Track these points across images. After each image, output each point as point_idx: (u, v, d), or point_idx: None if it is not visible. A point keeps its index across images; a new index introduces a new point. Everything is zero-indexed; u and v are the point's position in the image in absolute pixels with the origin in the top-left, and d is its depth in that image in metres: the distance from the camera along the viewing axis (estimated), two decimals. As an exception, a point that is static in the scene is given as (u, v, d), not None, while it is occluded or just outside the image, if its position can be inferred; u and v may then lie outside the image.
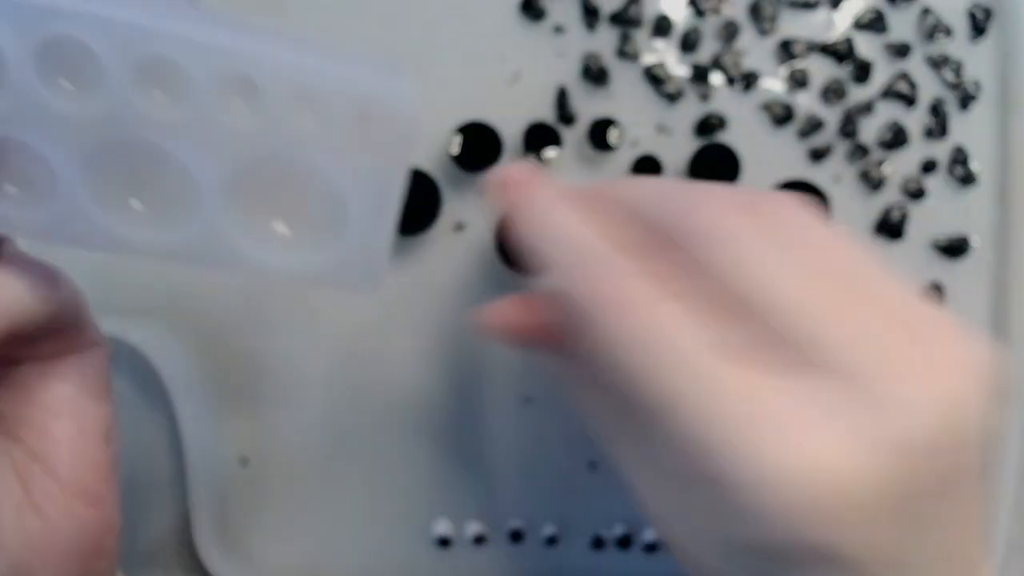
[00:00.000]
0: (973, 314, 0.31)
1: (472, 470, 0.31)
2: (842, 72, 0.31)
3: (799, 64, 0.31)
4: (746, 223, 0.18)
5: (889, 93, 0.31)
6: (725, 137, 0.30)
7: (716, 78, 0.30)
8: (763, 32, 0.31)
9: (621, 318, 0.17)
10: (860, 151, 0.31)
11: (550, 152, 0.29)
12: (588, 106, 0.30)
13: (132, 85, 0.18)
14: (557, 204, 0.21)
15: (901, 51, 0.31)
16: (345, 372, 0.31)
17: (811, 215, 0.19)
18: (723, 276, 0.18)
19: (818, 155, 0.31)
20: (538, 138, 0.29)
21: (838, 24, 0.31)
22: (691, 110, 0.30)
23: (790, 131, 0.31)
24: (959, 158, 0.31)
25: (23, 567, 0.20)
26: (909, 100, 0.31)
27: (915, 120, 0.31)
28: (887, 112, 0.31)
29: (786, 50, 0.31)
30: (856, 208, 0.31)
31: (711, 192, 0.20)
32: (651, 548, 0.31)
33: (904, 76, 0.31)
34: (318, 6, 0.30)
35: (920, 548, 0.16)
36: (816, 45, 0.31)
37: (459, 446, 0.31)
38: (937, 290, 0.31)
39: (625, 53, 0.30)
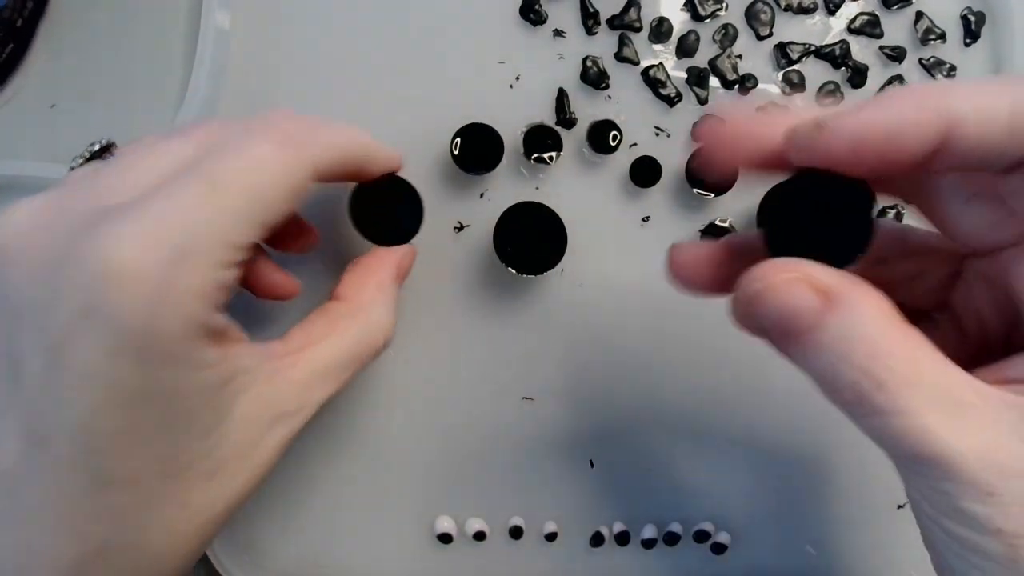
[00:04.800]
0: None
1: (472, 468, 0.31)
2: (838, 76, 0.31)
3: (795, 68, 0.31)
4: None
5: (884, 96, 0.31)
6: (722, 139, 0.31)
7: (713, 81, 0.31)
8: (760, 36, 0.31)
9: None
10: (855, 153, 0.31)
11: (550, 154, 0.30)
12: (587, 108, 0.31)
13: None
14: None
15: (896, 55, 0.31)
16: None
17: None
18: None
19: (814, 157, 0.31)
20: (538, 140, 0.30)
21: (834, 28, 0.31)
22: (689, 113, 0.31)
23: (786, 134, 0.31)
24: (953, 160, 0.31)
25: None
26: (904, 103, 0.31)
27: (909, 123, 0.31)
28: (882, 115, 0.31)
29: (783, 54, 0.31)
30: (851, 209, 0.31)
31: None
32: (649, 544, 0.31)
33: (899, 80, 0.31)
34: (324, 9, 0.30)
35: None
36: (812, 49, 0.31)
37: (459, 445, 0.31)
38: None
39: (624, 57, 0.31)
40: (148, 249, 0.17)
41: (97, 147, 0.22)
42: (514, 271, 0.28)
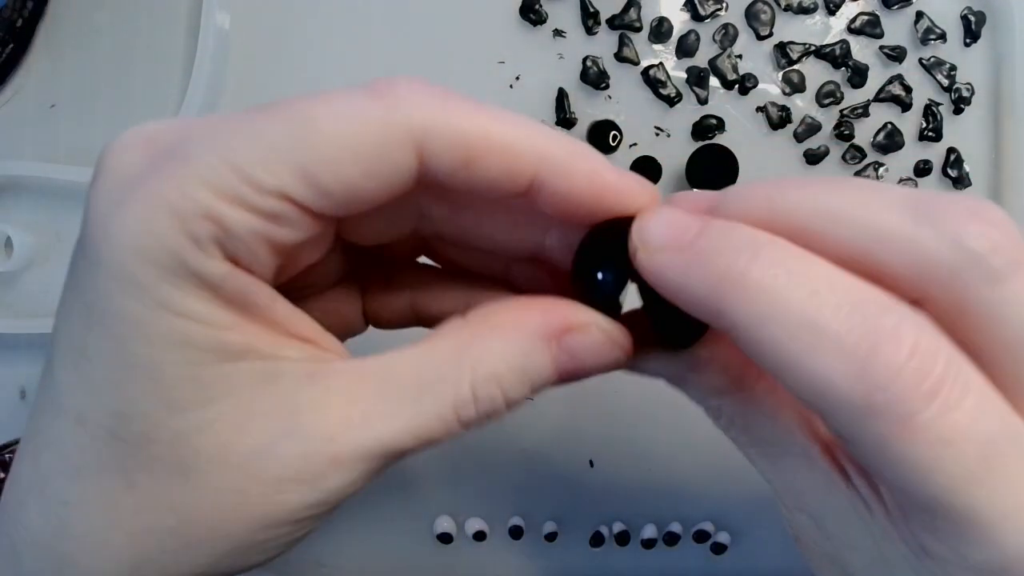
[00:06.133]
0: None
1: (472, 468, 0.31)
2: (838, 76, 0.31)
3: (795, 68, 0.31)
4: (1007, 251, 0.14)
5: (884, 96, 0.31)
6: (722, 139, 0.31)
7: (713, 81, 0.31)
8: (760, 36, 0.31)
9: (955, 412, 0.13)
10: (856, 153, 0.31)
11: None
12: (587, 108, 0.31)
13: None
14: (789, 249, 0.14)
15: (896, 55, 0.31)
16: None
17: None
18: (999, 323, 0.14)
19: (814, 158, 0.31)
20: (538, 140, 0.29)
21: (834, 28, 0.31)
22: (689, 113, 0.31)
23: (786, 134, 0.31)
24: (952, 160, 0.31)
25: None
26: (904, 103, 0.31)
27: (909, 123, 0.31)
28: (882, 115, 0.31)
29: (783, 54, 0.31)
30: (851, 209, 0.31)
31: (941, 200, 0.14)
32: (648, 544, 0.31)
33: (899, 80, 0.31)
34: (324, 11, 0.30)
35: None
36: (812, 49, 0.31)
37: (460, 445, 0.31)
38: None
39: (624, 56, 0.31)
40: (141, 145, 0.15)
41: None
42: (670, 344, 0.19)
